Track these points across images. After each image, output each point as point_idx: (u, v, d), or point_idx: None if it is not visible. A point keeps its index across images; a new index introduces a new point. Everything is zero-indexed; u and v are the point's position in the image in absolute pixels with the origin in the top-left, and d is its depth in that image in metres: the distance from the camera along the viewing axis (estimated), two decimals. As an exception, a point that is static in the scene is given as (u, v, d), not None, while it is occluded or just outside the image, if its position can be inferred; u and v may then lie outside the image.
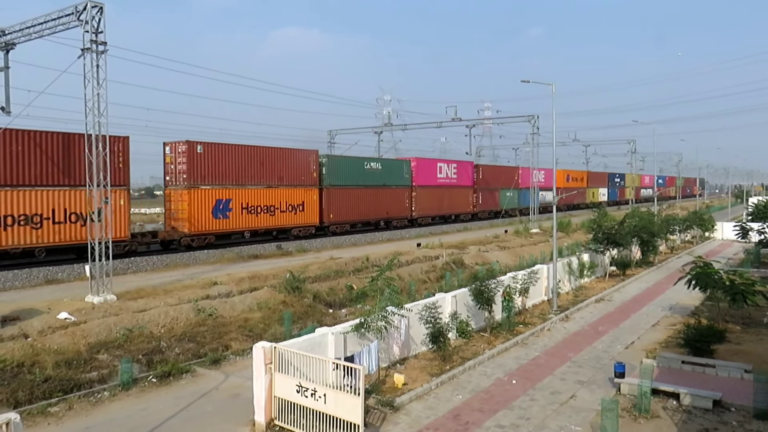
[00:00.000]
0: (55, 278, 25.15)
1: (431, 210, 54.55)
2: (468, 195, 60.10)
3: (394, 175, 49.41)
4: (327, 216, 42.15)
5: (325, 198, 41.87)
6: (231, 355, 17.45)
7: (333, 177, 42.62)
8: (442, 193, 55.60)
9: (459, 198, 58.53)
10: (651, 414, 12.86)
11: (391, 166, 49.90)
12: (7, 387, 13.85)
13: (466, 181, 59.41)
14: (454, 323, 17.79)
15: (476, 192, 61.25)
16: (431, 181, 54.15)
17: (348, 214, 44.19)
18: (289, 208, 38.70)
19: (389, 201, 48.59)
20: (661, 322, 21.65)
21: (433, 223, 55.12)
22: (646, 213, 39.69)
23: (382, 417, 12.71)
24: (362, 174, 45.88)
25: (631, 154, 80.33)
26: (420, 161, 53.58)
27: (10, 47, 24.48)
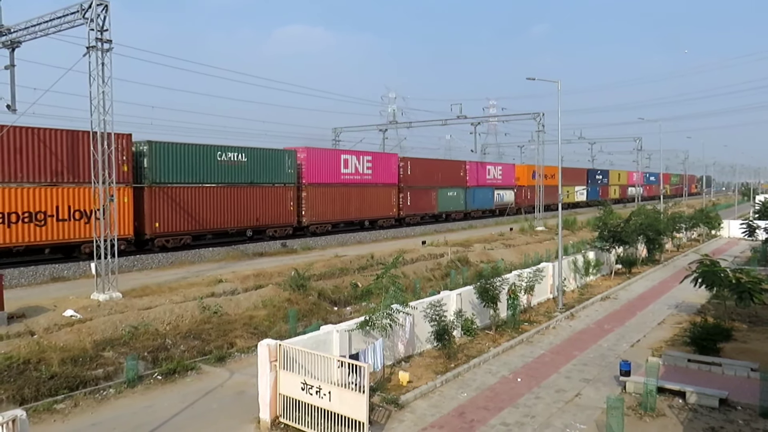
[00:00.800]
0: (60, 276, 25.26)
1: (331, 214, 42.60)
2: (390, 195, 48.88)
3: (268, 169, 37.42)
4: (150, 226, 30.54)
5: (147, 201, 30.28)
6: (236, 352, 17.48)
7: (160, 172, 31.05)
8: (348, 193, 44.25)
9: (376, 199, 47.16)
10: (657, 412, 12.81)
11: (263, 157, 37.17)
12: (14, 384, 13.91)
13: (386, 178, 48.48)
14: (459, 321, 17.80)
15: (403, 191, 50.17)
16: (332, 177, 42.89)
17: (186, 223, 32.34)
18: (75, 215, 26.79)
19: (261, 205, 36.67)
20: (667, 320, 21.57)
21: (334, 231, 43.74)
22: (652, 211, 39.52)
23: (387, 415, 12.70)
24: (213, 168, 33.94)
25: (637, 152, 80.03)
26: (312, 152, 41.75)
27: (15, 45, 24.57)
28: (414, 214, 52.11)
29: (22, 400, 13.35)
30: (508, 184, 68.55)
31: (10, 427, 8.05)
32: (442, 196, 55.65)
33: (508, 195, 68.30)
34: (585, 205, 75.23)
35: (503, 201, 66.83)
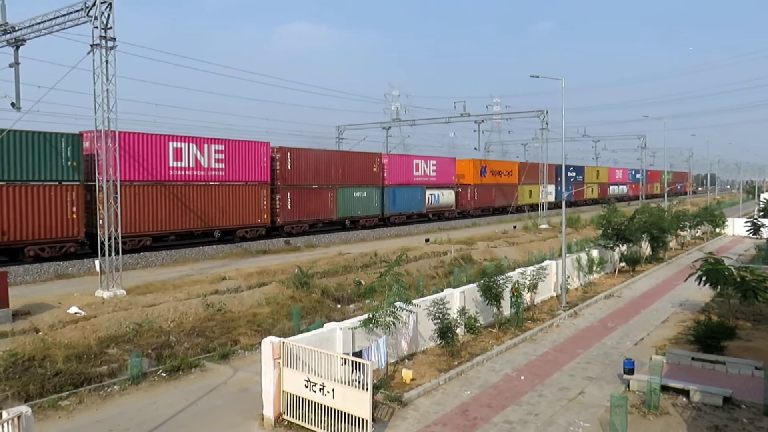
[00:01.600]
0: (65, 273, 25.35)
1: (151, 224, 30.41)
2: (260, 197, 36.72)
3: (32, 162, 25.38)
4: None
5: None
6: (240, 349, 17.52)
7: None
8: (183, 194, 32.07)
9: (237, 202, 35.24)
10: (660, 410, 12.80)
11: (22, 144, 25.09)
12: (19, 381, 13.98)
13: (250, 174, 36.26)
14: (462, 319, 17.80)
15: (280, 192, 38.45)
16: (152, 173, 30.63)
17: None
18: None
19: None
20: (671, 318, 21.53)
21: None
22: (656, 209, 39.42)
23: (390, 412, 12.72)
24: None
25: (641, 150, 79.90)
26: (123, 137, 27.68)
27: (20, 43, 24.64)
28: (299, 221, 40.18)
29: (27, 397, 13.43)
30: (445, 183, 55.94)
31: (15, 423, 8.10)
32: (345, 197, 43.74)
33: (447, 196, 55.86)
34: (554, 206, 65.25)
35: (439, 203, 54.54)
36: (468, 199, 59.48)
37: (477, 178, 60.19)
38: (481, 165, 61.51)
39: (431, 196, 53.54)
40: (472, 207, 60.17)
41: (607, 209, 32.40)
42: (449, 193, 56.72)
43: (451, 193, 57.24)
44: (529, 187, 68.71)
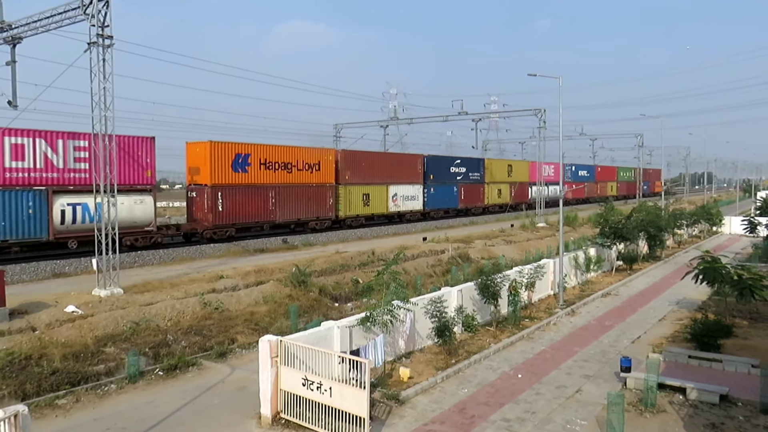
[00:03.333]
0: (62, 272, 25.30)
1: None
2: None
3: None
4: None
5: None
6: (237, 348, 17.51)
7: None
8: None
9: None
10: (657, 408, 12.82)
11: None
12: (15, 379, 13.96)
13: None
14: (459, 317, 17.80)
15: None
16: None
17: None
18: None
19: None
20: (668, 316, 21.58)
21: None
22: (654, 207, 39.48)
23: (387, 410, 12.73)
24: None
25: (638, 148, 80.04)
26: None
27: (17, 41, 24.57)
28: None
29: (24, 396, 13.41)
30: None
31: (12, 422, 8.08)
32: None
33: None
34: (419, 218, 53.54)
35: None
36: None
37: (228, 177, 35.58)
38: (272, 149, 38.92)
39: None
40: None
41: (604, 208, 32.45)
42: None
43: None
44: (362, 188, 46.22)
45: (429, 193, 54.58)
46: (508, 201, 65.83)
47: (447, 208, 57.95)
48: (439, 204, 56.41)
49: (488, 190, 64.46)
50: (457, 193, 58.84)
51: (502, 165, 68.87)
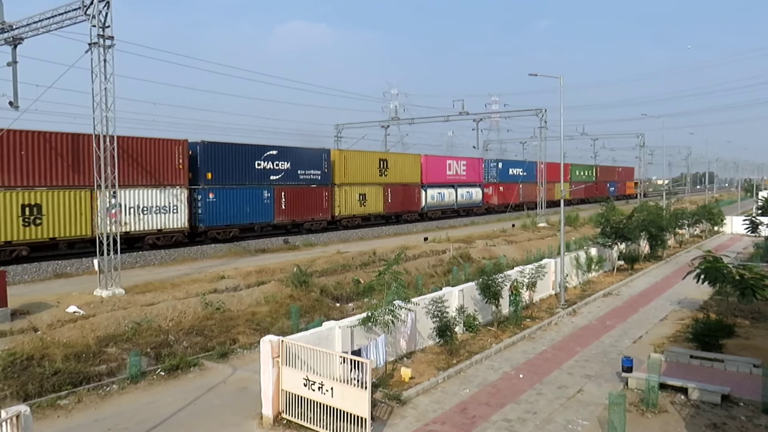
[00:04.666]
0: (63, 272, 25.32)
1: None
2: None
3: None
4: None
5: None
6: (239, 348, 17.53)
7: None
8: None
9: None
10: (659, 408, 12.82)
11: None
12: (17, 380, 13.97)
13: None
14: (461, 317, 17.81)
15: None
16: None
17: None
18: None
19: None
20: (670, 316, 21.56)
21: None
22: (655, 207, 39.47)
23: (389, 410, 12.73)
24: None
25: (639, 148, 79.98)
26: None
27: (17, 42, 24.58)
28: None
29: (26, 396, 13.43)
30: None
31: (14, 422, 8.09)
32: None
33: None
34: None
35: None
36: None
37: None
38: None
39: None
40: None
41: (605, 208, 32.44)
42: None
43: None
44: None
45: (205, 203, 33.35)
46: (381, 211, 47.27)
47: (251, 224, 36.73)
48: (226, 219, 34.69)
49: (339, 196, 42.78)
50: (271, 201, 37.41)
51: (367, 160, 46.53)
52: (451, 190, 56.61)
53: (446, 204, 56.07)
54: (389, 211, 48.51)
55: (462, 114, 55.68)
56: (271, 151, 38.08)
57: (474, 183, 60.54)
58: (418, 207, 51.76)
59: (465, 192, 58.58)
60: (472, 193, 59.99)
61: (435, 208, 54.75)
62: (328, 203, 42.12)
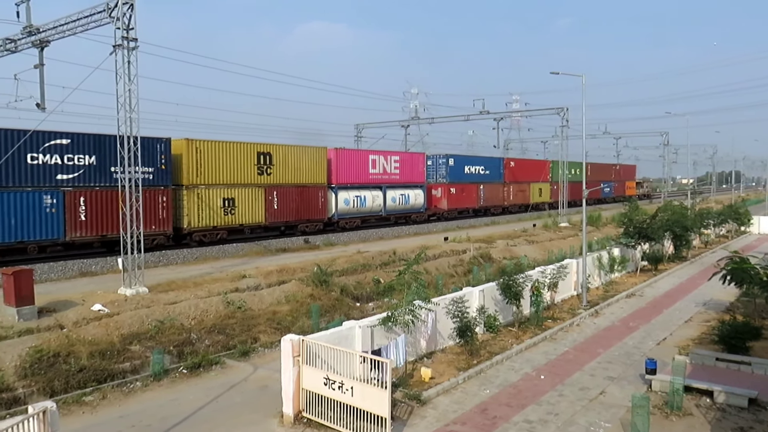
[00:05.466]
0: (89, 271, 25.72)
1: None
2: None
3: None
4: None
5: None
6: (260, 347, 17.66)
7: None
8: None
9: None
10: (683, 411, 12.62)
11: None
12: (44, 376, 14.26)
13: None
14: (481, 318, 17.73)
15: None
16: None
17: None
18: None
19: None
20: (695, 318, 21.21)
21: None
22: (679, 207, 38.87)
23: (409, 410, 12.72)
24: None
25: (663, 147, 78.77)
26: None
27: (44, 45, 25.02)
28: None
29: (52, 392, 13.69)
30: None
31: (41, 418, 8.24)
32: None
33: None
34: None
35: None
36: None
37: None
38: None
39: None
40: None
41: (628, 207, 32.02)
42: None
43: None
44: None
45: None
46: (263, 220, 35.54)
47: (22, 243, 25.54)
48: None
49: (189, 202, 31.71)
50: (60, 210, 26.48)
51: (237, 153, 34.32)
52: (378, 193, 44.51)
53: (368, 210, 43.88)
54: (275, 220, 36.23)
55: (482, 113, 55.38)
56: (60, 140, 26.57)
57: (413, 184, 48.55)
58: (323, 215, 39.31)
59: (399, 195, 46.73)
60: (409, 196, 47.67)
61: (351, 215, 42.87)
62: (167, 212, 30.44)
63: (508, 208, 61.10)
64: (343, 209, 41.59)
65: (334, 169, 41.32)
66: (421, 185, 49.64)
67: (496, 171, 59.79)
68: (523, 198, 63.86)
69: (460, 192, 54.42)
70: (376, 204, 44.42)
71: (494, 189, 58.72)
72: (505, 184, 60.80)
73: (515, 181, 62.33)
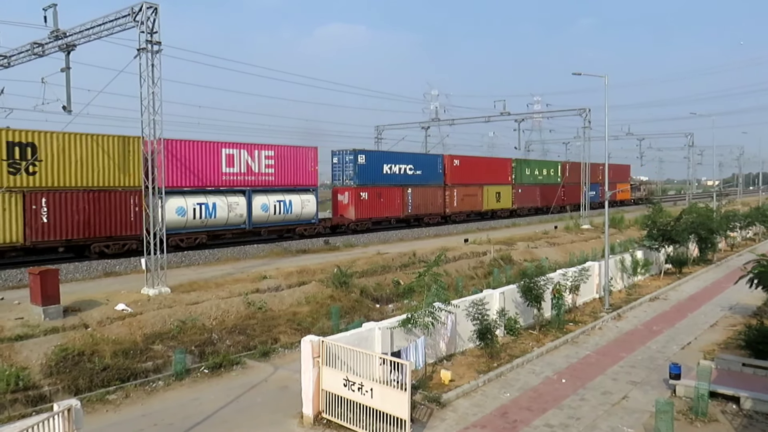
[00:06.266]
0: (113, 271, 26.08)
1: None
2: None
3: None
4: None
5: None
6: (280, 348, 17.76)
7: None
8: None
9: None
10: (709, 418, 12.39)
11: None
12: (69, 374, 14.50)
13: None
14: (501, 320, 17.61)
15: None
16: None
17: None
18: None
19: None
20: (720, 322, 20.82)
21: None
22: (705, 209, 38.20)
23: (428, 413, 12.68)
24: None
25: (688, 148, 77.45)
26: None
27: (71, 48, 25.46)
28: None
29: (77, 390, 13.92)
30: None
31: (65, 416, 8.38)
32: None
33: None
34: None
35: None
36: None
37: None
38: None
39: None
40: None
41: (652, 209, 31.57)
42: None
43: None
44: None
45: None
46: (19, 240, 24.29)
47: None
48: None
49: None
50: None
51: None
52: (236, 200, 33.11)
53: (220, 223, 32.49)
54: (43, 238, 25.21)
55: (503, 114, 54.98)
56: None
57: (297, 187, 36.85)
58: (136, 230, 27.61)
59: (274, 202, 35.22)
60: (289, 203, 36.03)
61: (193, 230, 31.33)
62: None
63: (451, 216, 49.62)
64: (175, 222, 29.79)
65: (160, 165, 24.59)
66: (312, 189, 37.82)
67: (431, 171, 47.34)
68: (473, 204, 51.77)
69: (377, 197, 42.73)
70: (236, 214, 33.00)
71: (429, 193, 47.06)
72: (450, 187, 49.06)
73: (461, 184, 50.12)
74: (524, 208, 58.82)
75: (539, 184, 61.42)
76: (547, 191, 60.08)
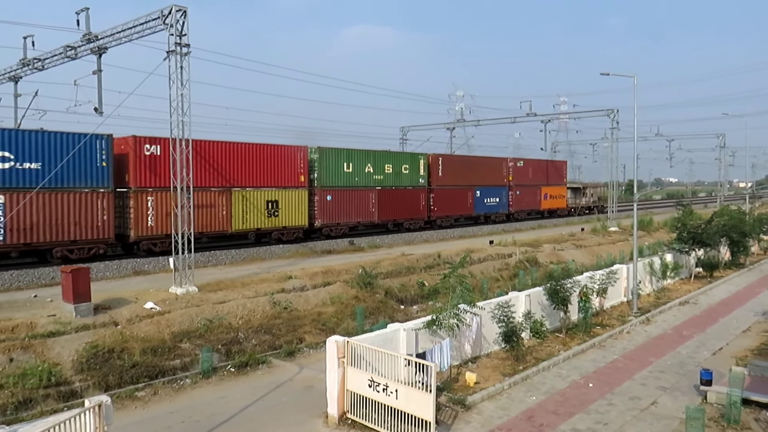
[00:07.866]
0: (142, 270, 26.52)
1: None
2: None
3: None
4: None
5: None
6: (305, 347, 17.86)
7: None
8: None
9: None
10: (741, 425, 12.11)
11: None
12: (99, 371, 14.79)
13: None
14: (527, 323, 17.46)
15: None
16: None
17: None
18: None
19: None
20: (753, 327, 20.33)
21: None
22: (737, 211, 37.36)
23: (453, 415, 12.62)
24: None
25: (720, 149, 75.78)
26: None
27: (102, 51, 25.98)
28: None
29: (107, 387, 14.20)
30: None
31: (96, 411, 8.54)
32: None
33: None
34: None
35: None
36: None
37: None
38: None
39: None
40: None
41: (682, 212, 31.00)
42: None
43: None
44: None
45: None
46: None
47: None
48: None
49: None
50: None
51: None
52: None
53: None
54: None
55: (529, 115, 54.54)
56: None
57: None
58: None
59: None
60: None
61: None
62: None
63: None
64: None
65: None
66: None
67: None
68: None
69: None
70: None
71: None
72: (229, 190, 32.06)
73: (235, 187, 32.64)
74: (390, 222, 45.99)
75: (380, 186, 44.73)
76: (398, 196, 42.37)
